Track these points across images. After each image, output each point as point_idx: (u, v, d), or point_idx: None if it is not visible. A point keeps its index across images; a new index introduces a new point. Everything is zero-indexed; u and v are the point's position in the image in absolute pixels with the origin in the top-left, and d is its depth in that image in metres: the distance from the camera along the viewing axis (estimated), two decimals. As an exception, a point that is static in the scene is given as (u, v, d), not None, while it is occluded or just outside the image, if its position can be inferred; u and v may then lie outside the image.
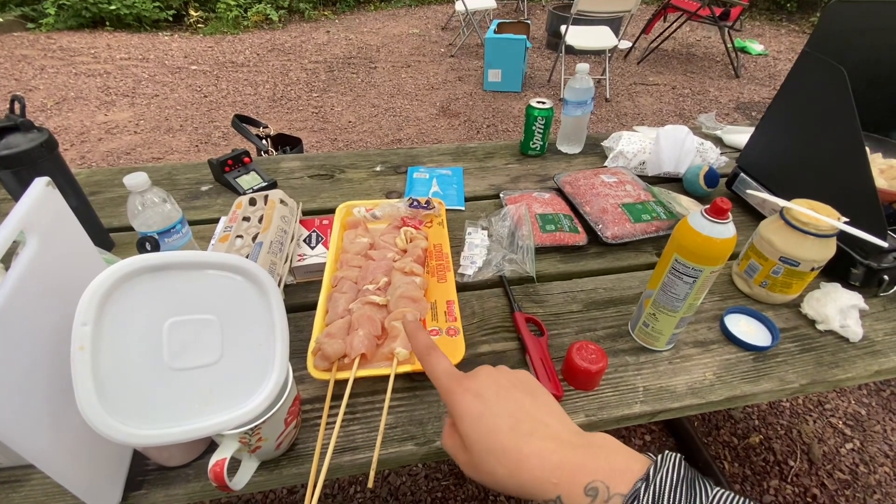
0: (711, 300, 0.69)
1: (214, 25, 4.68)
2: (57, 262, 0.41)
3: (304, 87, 3.45)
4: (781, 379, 0.58)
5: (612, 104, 3.27)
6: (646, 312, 0.59)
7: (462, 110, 3.21)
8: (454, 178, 0.94)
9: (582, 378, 0.55)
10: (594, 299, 0.69)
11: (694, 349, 0.62)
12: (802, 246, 0.61)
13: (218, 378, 0.41)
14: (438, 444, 0.51)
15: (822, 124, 0.71)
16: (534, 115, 0.97)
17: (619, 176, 0.87)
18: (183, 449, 0.48)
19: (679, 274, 0.52)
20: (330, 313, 0.60)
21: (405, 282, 0.62)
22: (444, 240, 0.73)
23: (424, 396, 0.56)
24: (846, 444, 1.36)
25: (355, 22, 5.15)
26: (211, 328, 0.42)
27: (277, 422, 0.44)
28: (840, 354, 0.62)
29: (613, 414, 0.54)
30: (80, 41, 4.16)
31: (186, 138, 2.77)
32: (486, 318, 0.65)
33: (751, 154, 0.85)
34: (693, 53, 4.25)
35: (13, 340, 0.35)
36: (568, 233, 0.76)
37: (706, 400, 0.56)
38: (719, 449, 1.34)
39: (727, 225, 0.48)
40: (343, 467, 0.50)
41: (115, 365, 0.36)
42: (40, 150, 0.63)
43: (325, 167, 0.98)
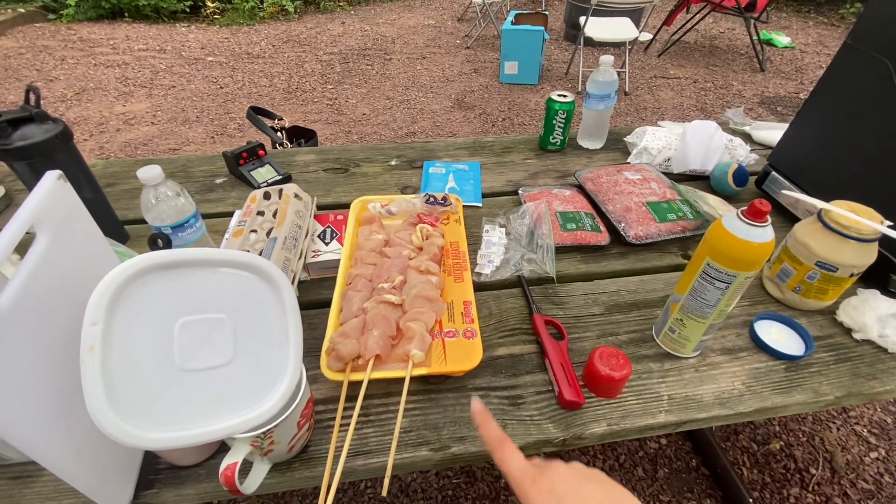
0: (741, 305, 0.66)
1: (231, 16, 4.69)
2: (68, 258, 0.41)
3: (318, 79, 3.43)
4: (815, 391, 0.55)
5: (632, 97, 3.20)
6: (672, 318, 0.56)
7: (477, 103, 3.17)
8: (471, 174, 0.92)
9: (604, 385, 0.53)
10: (617, 302, 0.66)
11: (722, 357, 0.59)
12: (842, 250, 0.58)
13: (230, 379, 0.40)
14: (454, 449, 0.49)
15: (864, 121, 0.67)
16: (555, 108, 0.94)
17: (644, 173, 0.84)
18: (195, 449, 0.47)
19: (711, 279, 0.49)
20: (344, 312, 0.58)
21: (421, 281, 0.61)
22: (462, 237, 0.70)
23: (440, 400, 0.54)
24: (871, 453, 1.32)
25: (371, 13, 5.11)
26: (223, 328, 0.40)
27: (290, 425, 0.43)
28: (878, 366, 0.59)
29: (637, 423, 0.52)
30: (99, 32, 4.20)
31: (203, 129, 2.78)
32: (504, 319, 0.63)
33: (784, 151, 0.81)
34: (716, 46, 4.12)
35: (22, 338, 0.34)
36: (590, 232, 0.73)
37: (735, 411, 0.54)
38: (738, 454, 1.31)
39: (766, 228, 0.45)
40: (356, 471, 0.49)
41: (126, 366, 0.35)
42: (55, 141, 0.62)
43: (339, 161, 0.97)
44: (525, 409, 0.53)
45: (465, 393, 0.55)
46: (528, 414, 0.52)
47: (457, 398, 0.54)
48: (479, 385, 0.55)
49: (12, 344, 0.33)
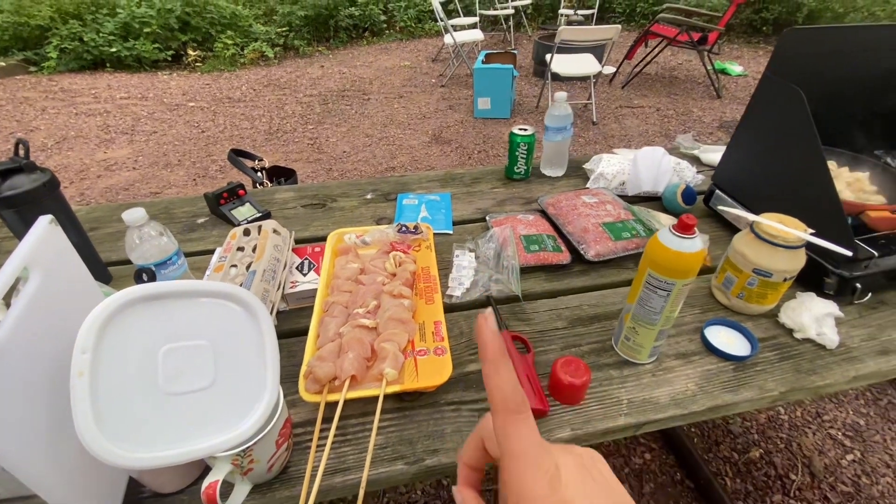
0: (692, 313, 0.71)
1: (212, 63, 4.84)
2: (58, 295, 0.44)
3: (299, 120, 3.54)
4: (761, 388, 0.60)
5: (600, 127, 3.37)
6: (626, 327, 0.61)
7: (454, 137, 3.29)
8: (442, 204, 0.97)
9: (567, 392, 0.57)
10: (579, 316, 0.71)
11: (676, 361, 0.64)
12: (773, 257, 0.64)
13: (211, 402, 0.43)
14: (428, 462, 0.52)
15: (785, 142, 0.75)
16: (516, 141, 1.02)
17: (600, 196, 0.90)
18: (177, 475, 0.49)
19: (654, 288, 0.55)
20: (321, 337, 0.62)
21: (394, 304, 0.65)
22: (432, 263, 0.75)
23: (414, 416, 0.57)
24: (847, 456, 1.36)
25: (348, 56, 5.32)
26: (204, 354, 0.44)
27: (269, 443, 0.45)
28: (818, 361, 0.64)
29: (598, 427, 0.56)
30: (80, 82, 4.28)
31: (184, 173, 2.82)
32: (474, 337, 0.67)
33: (724, 172, 0.89)
34: (675, 76, 4.40)
35: (15, 371, 0.37)
36: (552, 252, 0.79)
37: (689, 410, 0.58)
38: (720, 465, 1.33)
39: (694, 240, 0.51)
40: (335, 488, 0.51)
41: (113, 391, 0.38)
42: (42, 189, 0.66)
43: (317, 196, 1.02)
44: (494, 420, 0.56)
45: (438, 408, 0.58)
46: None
47: (430, 413, 0.57)
48: (451, 399, 0.59)
49: (7, 375, 0.36)
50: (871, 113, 0.92)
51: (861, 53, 0.83)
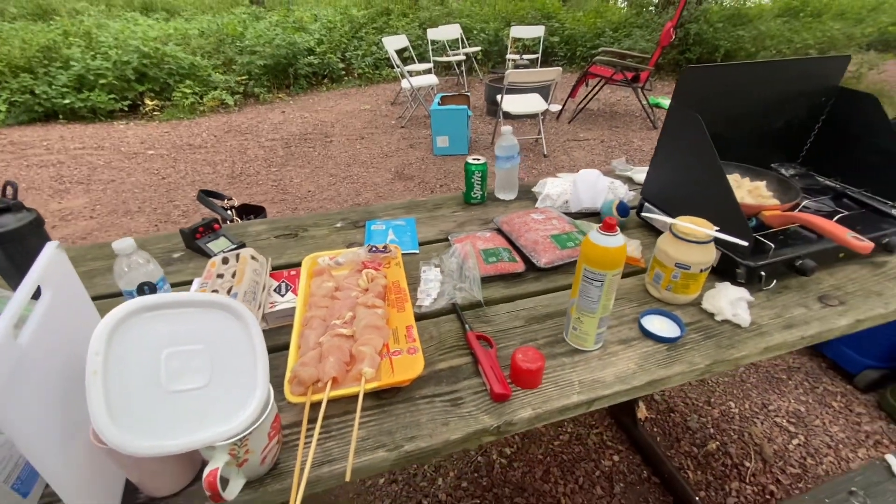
0: (630, 306, 0.82)
1: (171, 112, 4.86)
2: (65, 311, 0.49)
3: (262, 164, 3.60)
4: (689, 362, 0.70)
5: (550, 159, 3.61)
6: (573, 318, 0.70)
7: (415, 174, 3.44)
8: (408, 227, 1.06)
9: (526, 377, 0.65)
10: (534, 315, 0.80)
11: (618, 346, 0.73)
12: (689, 252, 0.76)
13: (208, 399, 0.48)
14: (407, 447, 0.58)
15: (692, 158, 0.89)
16: (471, 169, 1.13)
17: (547, 213, 1.02)
18: (171, 478, 0.53)
19: (590, 280, 0.65)
20: (302, 348, 0.67)
21: (369, 314, 0.71)
22: (402, 277, 0.83)
23: (392, 411, 0.63)
24: (793, 441, 1.48)
25: (309, 102, 5.48)
26: (201, 357, 0.49)
27: (262, 434, 0.50)
28: (735, 338, 0.75)
29: (555, 405, 0.63)
30: (31, 135, 4.19)
31: (145, 219, 2.80)
32: (443, 339, 0.75)
33: (649, 187, 1.03)
34: (616, 111, 4.80)
35: (35, 374, 0.42)
36: (508, 262, 0.88)
37: (631, 385, 0.67)
38: (682, 459, 1.42)
39: (616, 237, 0.62)
40: (322, 479, 0.55)
41: (121, 388, 0.43)
42: (29, 227, 0.70)
43: (289, 227, 1.08)
44: (464, 407, 0.63)
45: (413, 402, 0.64)
46: (468, 410, 0.63)
47: (406, 407, 0.63)
48: (425, 394, 0.65)
49: (29, 378, 0.40)
50: (763, 133, 1.11)
51: (745, 86, 1.00)
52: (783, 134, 1.14)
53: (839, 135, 1.10)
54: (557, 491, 1.34)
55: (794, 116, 1.11)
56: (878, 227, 0.93)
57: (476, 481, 1.36)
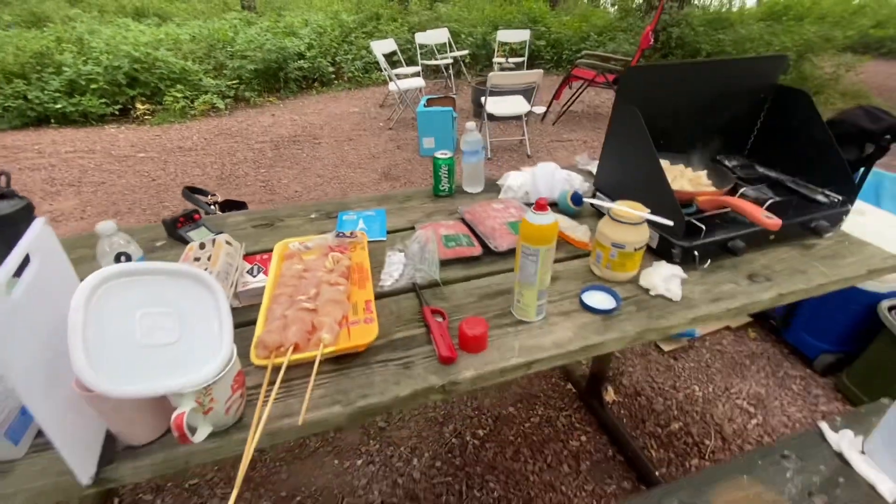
0: (575, 284, 0.89)
1: (162, 116, 4.91)
2: (50, 278, 0.55)
3: (251, 165, 3.66)
4: (622, 330, 0.78)
5: (534, 159, 3.70)
6: (516, 292, 0.78)
7: (402, 174, 3.52)
8: (378, 217, 1.13)
9: (471, 342, 0.72)
10: (487, 293, 0.87)
11: (559, 318, 0.81)
12: (624, 233, 0.84)
13: (178, 353, 0.55)
14: (360, 403, 0.65)
15: (632, 149, 0.97)
16: (439, 163, 1.21)
17: (507, 203, 1.10)
18: (147, 427, 0.59)
19: (527, 255, 0.72)
20: (268, 320, 0.74)
21: (331, 290, 0.79)
22: (365, 259, 0.90)
23: (349, 373, 0.70)
24: (752, 421, 1.56)
25: (299, 105, 5.56)
26: (172, 318, 0.56)
27: (225, 386, 0.57)
28: (666, 310, 0.83)
29: (496, 367, 0.71)
30: (24, 139, 4.23)
31: (135, 220, 2.85)
32: (401, 314, 0.82)
33: (601, 177, 1.11)
34: (599, 112, 4.91)
35: (25, 326, 0.49)
36: (466, 247, 0.96)
37: (566, 350, 0.74)
38: (646, 439, 1.50)
39: (547, 216, 0.69)
40: (282, 430, 0.62)
41: (100, 340, 0.50)
42: (21, 213, 0.77)
43: (266, 218, 1.15)
44: (414, 369, 0.70)
45: (369, 366, 0.71)
46: (417, 372, 0.70)
47: (362, 370, 0.70)
48: (380, 359, 0.72)
49: (21, 328, 0.47)
50: (708, 127, 1.19)
51: (689, 84, 1.09)
52: (729, 128, 1.23)
53: (778, 128, 1.18)
54: (527, 469, 1.41)
55: (737, 112, 1.20)
56: (808, 211, 1.02)
57: (450, 461, 1.43)
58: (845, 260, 0.96)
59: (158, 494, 1.35)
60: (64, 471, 0.57)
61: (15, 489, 0.55)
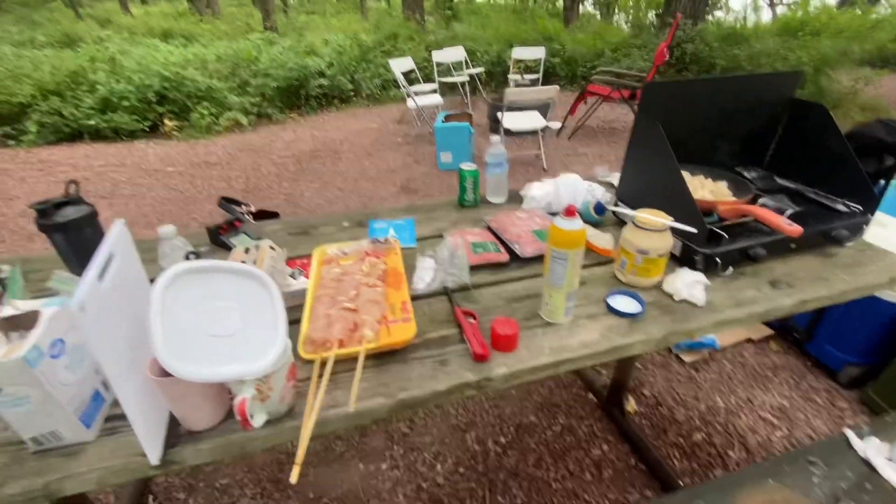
0: (601, 289, 0.93)
1: (188, 132, 5.10)
2: (126, 273, 0.61)
3: (274, 179, 3.78)
4: (647, 332, 0.81)
5: (550, 173, 3.75)
6: (545, 294, 0.82)
7: (421, 187, 3.59)
8: (407, 226, 1.19)
9: (502, 341, 0.76)
10: (514, 297, 0.91)
11: (586, 320, 0.84)
12: (648, 239, 0.88)
13: (239, 343, 0.60)
14: (401, 395, 0.69)
15: (654, 161, 1.01)
16: (464, 175, 1.26)
17: (531, 213, 1.14)
18: (207, 414, 0.64)
19: (556, 259, 0.76)
20: (313, 318, 0.79)
21: (370, 291, 0.84)
22: (399, 264, 0.95)
23: (389, 369, 0.74)
24: (776, 433, 1.55)
25: (319, 121, 5.72)
26: (233, 311, 0.62)
27: (281, 375, 0.62)
28: (690, 314, 0.85)
29: (528, 365, 0.74)
30: (59, 153, 4.43)
31: (164, 231, 2.96)
32: (434, 315, 0.86)
33: (622, 188, 1.15)
34: (614, 127, 4.96)
35: (111, 316, 0.54)
36: (493, 253, 1.00)
37: (594, 350, 0.77)
38: (668, 449, 1.50)
39: (576, 221, 0.74)
40: (330, 420, 0.67)
41: (174, 329, 0.55)
42: (86, 218, 0.84)
43: (301, 227, 1.22)
44: (450, 366, 0.74)
45: (407, 363, 0.75)
46: (452, 368, 0.74)
47: (401, 366, 0.75)
48: (417, 356, 0.76)
49: (108, 317, 0.53)
50: (727, 140, 1.23)
51: (707, 98, 1.13)
52: (747, 140, 1.26)
53: (796, 141, 1.21)
54: (549, 476, 1.42)
55: (755, 125, 1.23)
56: (828, 220, 1.04)
57: (473, 467, 1.45)
58: (867, 268, 0.97)
59: (191, 493, 1.39)
60: (132, 452, 0.62)
61: (88, 468, 0.60)
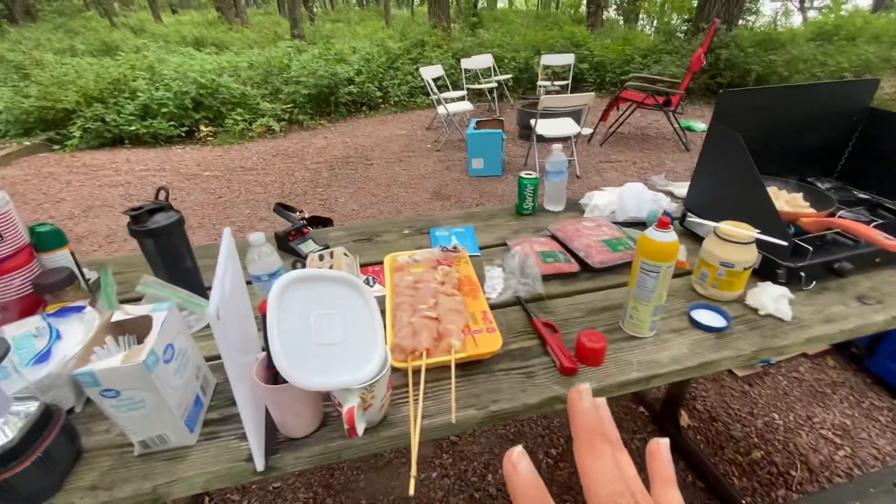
0: (679, 302, 0.91)
1: (223, 138, 5.23)
2: (235, 280, 0.62)
3: (308, 184, 3.84)
4: (737, 348, 0.79)
5: (583, 179, 3.71)
6: (629, 307, 0.80)
7: (452, 193, 3.60)
8: (468, 234, 1.18)
9: (590, 355, 0.75)
10: (591, 308, 0.90)
11: (671, 334, 0.82)
12: (734, 252, 0.85)
13: (344, 352, 0.60)
14: (492, 408, 0.68)
15: (731, 171, 0.99)
16: (524, 183, 1.25)
17: (597, 222, 1.13)
18: (305, 423, 0.65)
19: (646, 272, 0.75)
20: (396, 326, 0.79)
21: (449, 300, 0.83)
22: (472, 272, 0.95)
23: (475, 379, 0.74)
24: (839, 452, 1.49)
25: (349, 128, 5.79)
26: (337, 319, 0.62)
27: (383, 385, 0.62)
28: (778, 329, 0.83)
29: (617, 380, 0.73)
30: (101, 158, 4.60)
31: (205, 233, 3.03)
32: (511, 326, 0.86)
33: (691, 198, 1.12)
34: (647, 134, 4.89)
35: (231, 319, 0.55)
36: (564, 263, 0.99)
37: (684, 366, 0.75)
38: (726, 466, 1.45)
39: (670, 233, 0.72)
40: (424, 430, 0.66)
41: (287, 337, 0.56)
42: (175, 225, 0.86)
43: (364, 233, 1.23)
44: (538, 379, 0.73)
45: (492, 374, 0.75)
46: (541, 381, 0.73)
47: (487, 378, 0.74)
48: (502, 367, 0.76)
49: (230, 320, 0.54)
50: (799, 150, 1.19)
51: (779, 107, 1.10)
52: (818, 150, 1.22)
53: (872, 151, 1.17)
54: (603, 491, 1.38)
55: (827, 134, 1.20)
56: (914, 234, 1.00)
57: (523, 479, 1.43)
58: (962, 284, 0.93)
59: (245, 495, 1.41)
60: (234, 458, 0.63)
61: (195, 472, 0.61)
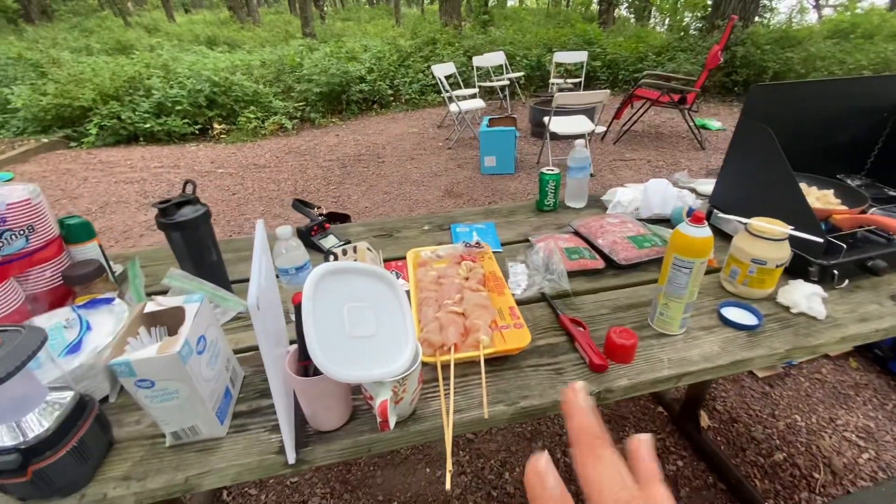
0: (708, 299, 0.89)
1: (236, 135, 5.27)
2: (268, 271, 0.62)
3: (321, 182, 3.85)
4: (770, 347, 0.77)
5: (597, 178, 3.68)
6: (660, 304, 0.79)
7: (464, 191, 3.59)
8: (489, 230, 1.18)
9: (620, 352, 0.73)
10: (618, 305, 0.89)
11: (701, 332, 0.81)
12: (765, 249, 0.84)
13: (376, 344, 0.60)
14: (522, 404, 0.68)
15: (762, 167, 0.97)
16: (546, 178, 1.24)
17: (621, 218, 1.11)
18: (335, 416, 0.64)
19: (679, 268, 0.73)
20: (422, 321, 0.79)
21: (475, 296, 0.83)
22: (496, 268, 0.94)
23: (503, 375, 0.73)
24: (863, 455, 1.46)
25: (360, 126, 5.81)
26: (369, 312, 0.62)
27: (414, 378, 0.62)
28: (812, 328, 0.81)
29: (648, 378, 0.72)
30: (117, 155, 4.66)
31: (220, 230, 3.05)
32: (537, 322, 0.85)
33: (718, 195, 1.11)
34: (661, 132, 4.83)
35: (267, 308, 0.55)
36: (589, 259, 0.98)
37: (716, 364, 0.74)
38: (748, 468, 1.43)
39: (704, 228, 0.71)
40: (455, 425, 0.66)
41: (322, 329, 0.56)
42: (202, 218, 0.86)
43: (383, 229, 1.22)
44: (566, 376, 0.72)
45: (521, 370, 0.74)
46: (569, 378, 0.72)
47: (515, 374, 0.73)
48: (530, 363, 0.75)
49: (267, 310, 0.54)
50: (828, 146, 1.17)
51: (812, 102, 1.08)
52: (848, 147, 1.20)
53: (906, 147, 1.14)
54: (622, 491, 1.37)
55: (858, 131, 1.17)
56: (950, 233, 0.97)
57: (541, 477, 1.42)
58: None
59: (262, 489, 1.41)
60: (264, 450, 0.63)
61: (226, 464, 0.61)
